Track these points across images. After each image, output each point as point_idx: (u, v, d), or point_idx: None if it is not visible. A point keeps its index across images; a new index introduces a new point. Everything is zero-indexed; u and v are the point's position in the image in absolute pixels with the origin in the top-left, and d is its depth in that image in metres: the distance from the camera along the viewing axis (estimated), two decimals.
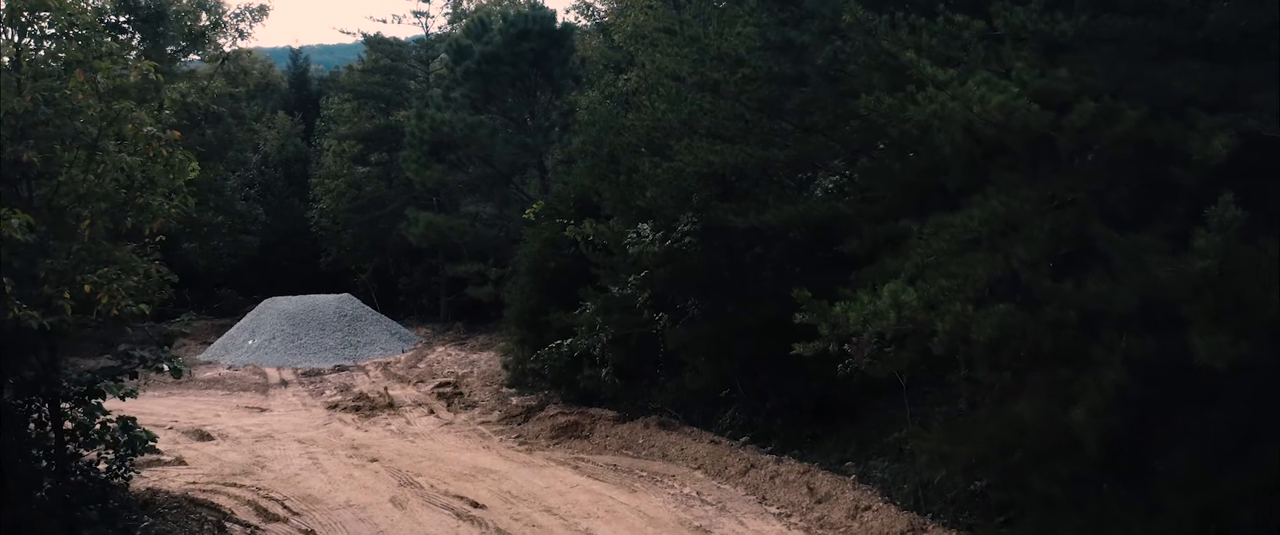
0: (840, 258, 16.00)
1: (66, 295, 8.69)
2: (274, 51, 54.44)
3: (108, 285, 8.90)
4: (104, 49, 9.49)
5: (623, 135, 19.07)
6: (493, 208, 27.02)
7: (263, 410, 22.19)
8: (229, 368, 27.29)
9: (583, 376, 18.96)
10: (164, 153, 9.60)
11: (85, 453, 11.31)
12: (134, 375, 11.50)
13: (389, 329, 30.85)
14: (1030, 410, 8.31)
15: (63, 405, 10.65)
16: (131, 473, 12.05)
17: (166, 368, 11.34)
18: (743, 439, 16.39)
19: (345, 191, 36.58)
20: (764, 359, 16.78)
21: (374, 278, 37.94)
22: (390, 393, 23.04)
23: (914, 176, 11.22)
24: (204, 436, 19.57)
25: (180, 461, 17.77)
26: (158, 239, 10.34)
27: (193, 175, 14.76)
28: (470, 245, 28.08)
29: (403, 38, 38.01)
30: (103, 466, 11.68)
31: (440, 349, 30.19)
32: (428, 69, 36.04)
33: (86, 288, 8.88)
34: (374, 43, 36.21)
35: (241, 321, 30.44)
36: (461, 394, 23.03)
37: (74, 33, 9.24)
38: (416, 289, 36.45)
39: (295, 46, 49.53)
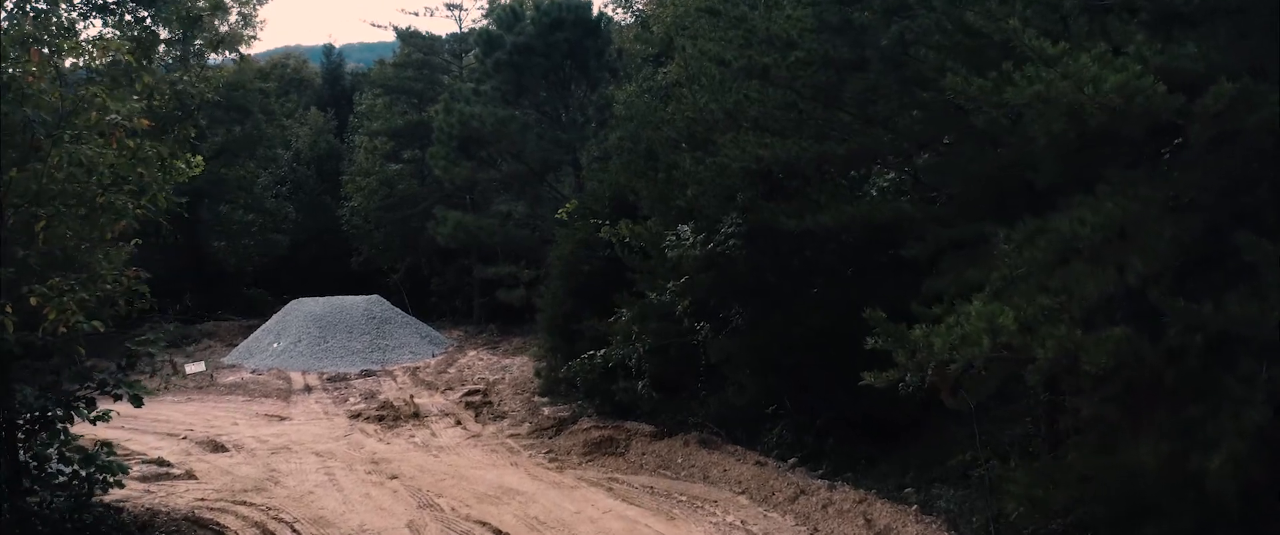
0: (898, 262, 14.66)
1: (9, 310, 7.48)
2: (310, 51, 53.74)
3: (56, 299, 7.68)
4: (63, 25, 8.28)
5: (661, 129, 17.79)
6: (525, 207, 25.73)
7: (283, 419, 21.13)
8: (253, 371, 26.34)
9: (618, 388, 17.67)
10: (129, 144, 8.37)
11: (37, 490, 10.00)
12: (92, 404, 10.10)
13: (419, 332, 29.77)
14: (1150, 454, 6.88)
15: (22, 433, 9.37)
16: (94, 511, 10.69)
17: (125, 394, 9.86)
18: (791, 461, 15.04)
19: (377, 189, 35.62)
20: (813, 372, 15.50)
21: (406, 277, 36.94)
22: (416, 401, 21.91)
23: (994, 172, 9.79)
24: (218, 447, 18.54)
25: (190, 475, 16.75)
26: (133, 242, 9.06)
27: (197, 171, 13.70)
28: (502, 246, 26.93)
29: (437, 32, 36.99)
30: (69, 494, 10.40)
31: (472, 353, 29.08)
32: (461, 63, 34.94)
33: (32, 301, 7.66)
34: (406, 36, 35.17)
35: (267, 323, 29.52)
36: (491, 403, 21.84)
37: (31, 6, 8.07)
38: (449, 290, 35.39)
39: (332, 44, 48.65)
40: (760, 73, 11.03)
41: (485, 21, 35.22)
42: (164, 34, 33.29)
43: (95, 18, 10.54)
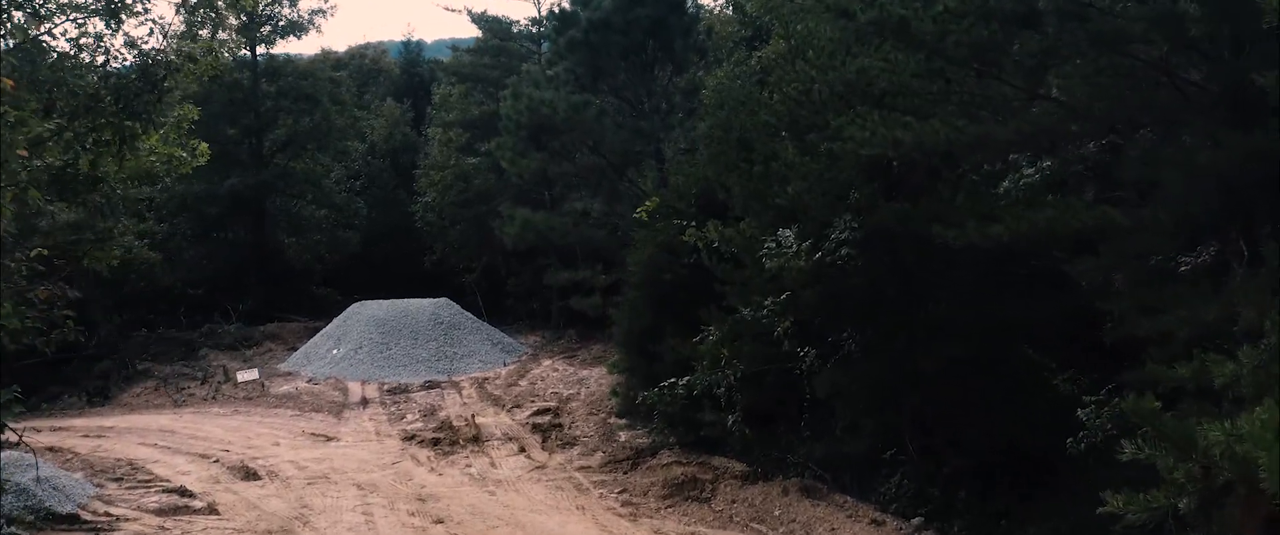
0: (1054, 276, 11.82)
1: None
2: (394, 47, 52.11)
3: None
4: None
5: (757, 114, 15.07)
6: (602, 204, 23.12)
7: (329, 439, 18.96)
8: (309, 380, 24.36)
9: (704, 420, 15.01)
10: None
11: None
12: None
13: (490, 338, 27.50)
14: None
15: None
16: None
17: None
18: (915, 520, 12.26)
19: (451, 184, 33.51)
20: (942, 409, 12.69)
21: (482, 278, 34.73)
22: (478, 421, 19.55)
23: (1237, 163, 6.84)
24: (250, 475, 16.43)
25: (212, 509, 14.68)
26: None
27: (202, 161, 11.53)
28: (578, 247, 24.47)
29: (515, 16, 34.68)
30: None
31: (547, 362, 26.68)
32: (540, 48, 32.56)
33: None
34: (480, 20, 32.95)
35: (327, 327, 27.56)
36: (561, 425, 19.37)
37: None
38: (526, 292, 33.07)
39: (411, 36, 46.98)
40: (895, 29, 8.23)
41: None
42: (232, 21, 31.90)
43: None
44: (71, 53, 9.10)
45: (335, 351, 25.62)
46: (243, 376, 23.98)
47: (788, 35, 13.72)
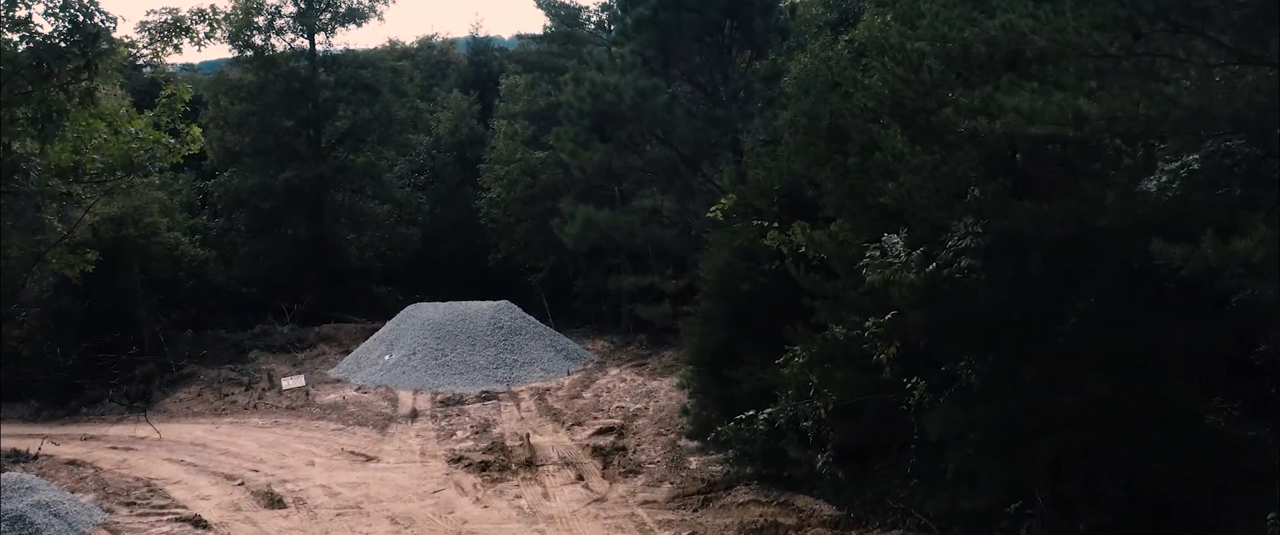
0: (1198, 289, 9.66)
1: None
2: (464, 43, 50.63)
3: None
4: None
5: (853, 97, 12.88)
6: (672, 201, 20.83)
7: (369, 459, 17.23)
8: (357, 388, 22.73)
9: (786, 451, 12.84)
10: None
11: None
12: None
13: (553, 344, 25.60)
14: None
15: None
16: None
17: None
18: None
19: (517, 179, 31.67)
20: (1080, 454, 10.45)
21: (549, 278, 32.83)
22: (533, 441, 17.64)
23: None
24: (274, 502, 14.79)
25: None
26: None
27: (194, 148, 9.76)
28: (648, 248, 22.40)
29: (583, 2, 32.63)
30: None
31: (614, 372, 24.69)
32: (611, 33, 30.50)
33: None
34: (549, 6, 31.05)
35: (380, 331, 25.92)
36: (624, 448, 17.37)
37: None
38: (594, 293, 31.08)
39: (478, 30, 45.30)
40: None
41: None
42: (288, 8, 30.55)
43: None
44: None
45: (387, 357, 23.96)
46: (288, 383, 22.44)
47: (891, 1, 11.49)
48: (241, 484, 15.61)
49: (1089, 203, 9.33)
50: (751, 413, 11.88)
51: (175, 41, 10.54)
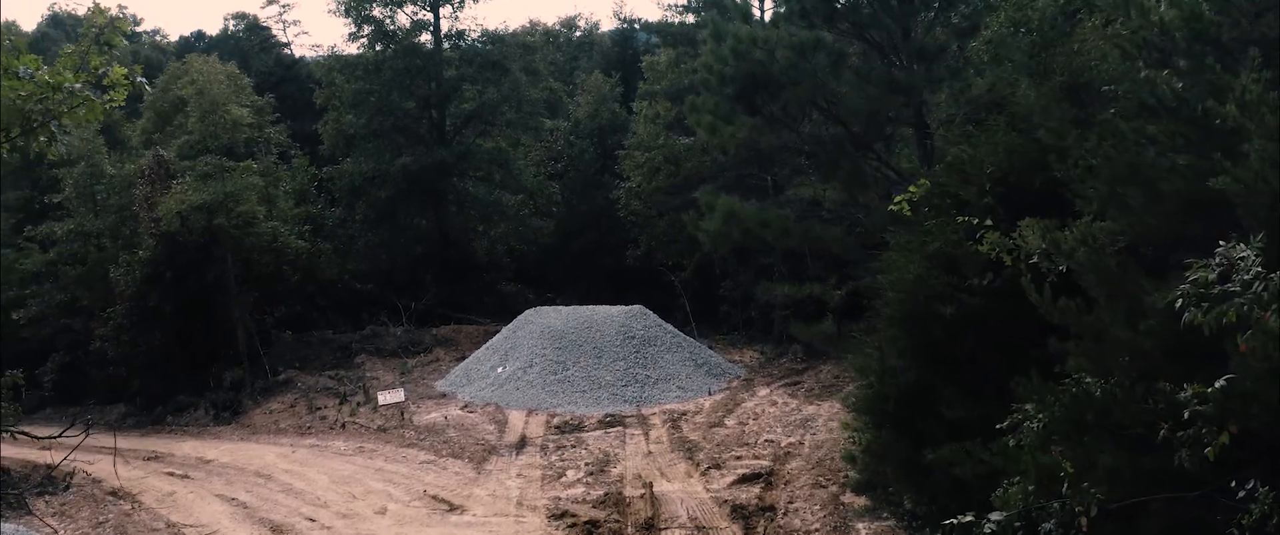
0: None
1: None
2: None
3: None
4: None
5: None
6: (838, 191, 16.56)
7: (453, 508, 13.97)
8: (463, 406, 19.64)
9: None
10: None
11: None
12: None
13: (693, 357, 21.98)
14: None
15: None
16: None
17: None
18: None
19: (659, 167, 28.17)
20: None
21: (693, 277, 29.13)
22: (657, 491, 14.07)
23: None
24: None
25: None
26: None
27: (120, 101, 6.54)
28: (806, 249, 18.35)
29: None
30: None
31: (763, 392, 20.90)
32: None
33: None
34: None
35: (493, 339, 22.77)
36: (773, 509, 13.59)
37: None
38: (743, 297, 27.28)
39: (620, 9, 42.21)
40: None
41: None
42: None
43: None
44: None
45: (500, 370, 20.78)
46: (384, 399, 19.55)
47: None
48: (289, 532, 12.58)
49: None
50: (963, 520, 7.79)
51: None
